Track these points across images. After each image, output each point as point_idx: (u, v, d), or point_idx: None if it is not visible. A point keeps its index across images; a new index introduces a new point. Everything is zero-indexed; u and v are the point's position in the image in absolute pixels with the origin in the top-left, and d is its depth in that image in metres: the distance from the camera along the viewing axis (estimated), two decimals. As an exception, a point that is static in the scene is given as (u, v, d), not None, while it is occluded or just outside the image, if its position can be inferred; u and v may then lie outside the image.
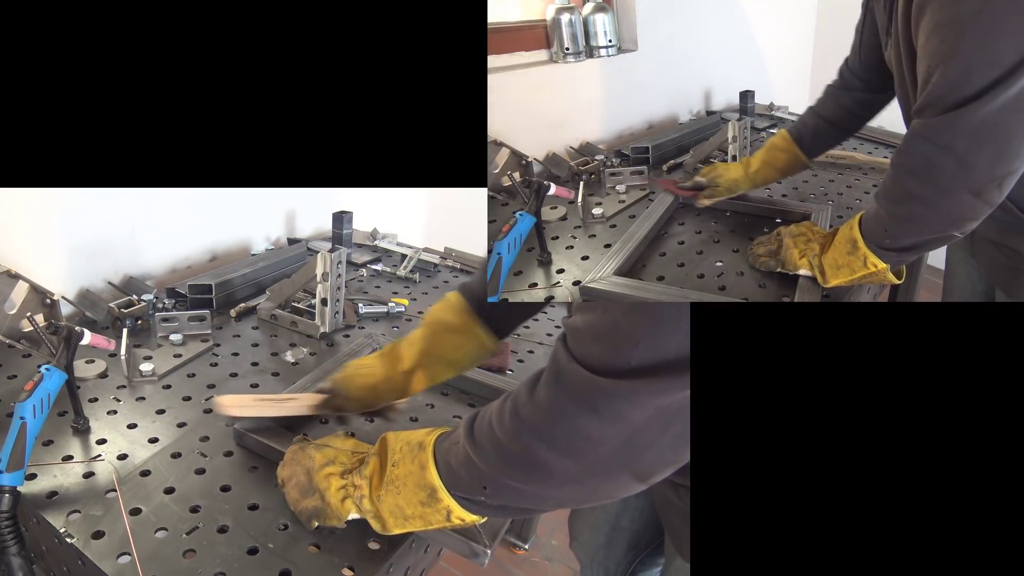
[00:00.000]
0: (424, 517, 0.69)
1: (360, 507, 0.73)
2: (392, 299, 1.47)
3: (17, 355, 1.13)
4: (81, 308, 1.27)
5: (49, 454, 0.91)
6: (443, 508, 0.68)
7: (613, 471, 0.59)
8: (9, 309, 1.13)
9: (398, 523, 0.71)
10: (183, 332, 1.23)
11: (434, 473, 0.68)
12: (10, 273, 1.13)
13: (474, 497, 0.67)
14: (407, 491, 0.69)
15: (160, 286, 1.41)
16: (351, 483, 0.74)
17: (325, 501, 0.75)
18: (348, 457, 0.78)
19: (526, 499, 0.65)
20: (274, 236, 1.75)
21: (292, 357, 1.22)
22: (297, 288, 1.33)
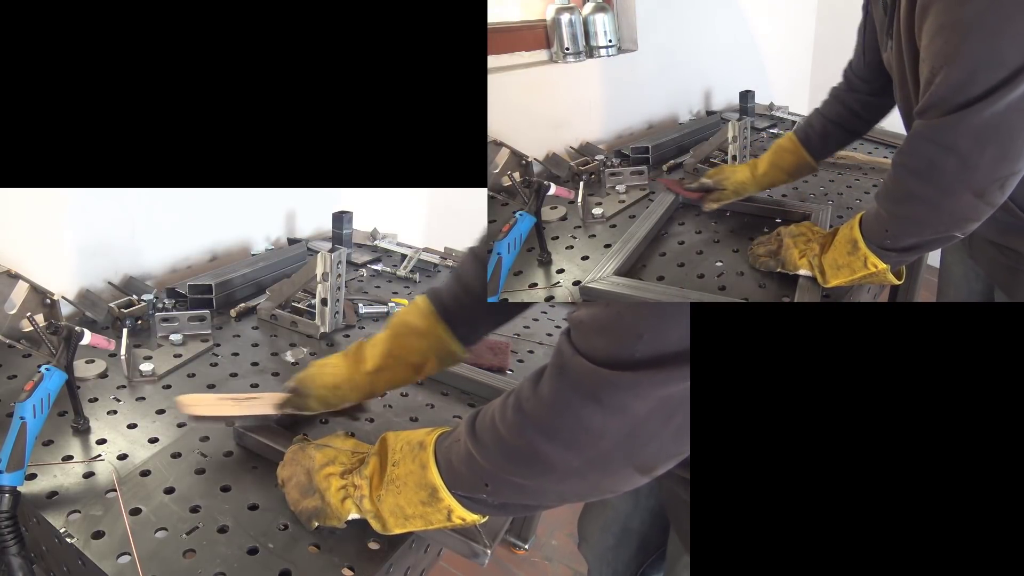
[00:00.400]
0: (425, 517, 0.69)
1: (360, 507, 0.73)
2: (392, 299, 1.47)
3: (17, 355, 1.13)
4: (81, 308, 1.27)
5: (49, 454, 0.91)
6: (444, 508, 0.68)
7: (615, 464, 0.59)
8: (9, 309, 1.13)
9: (399, 523, 0.71)
10: (183, 332, 1.23)
11: (435, 472, 0.68)
12: (10, 273, 1.13)
13: (476, 495, 0.67)
14: (408, 491, 0.69)
15: (160, 286, 1.41)
16: (351, 483, 0.74)
17: (325, 501, 0.75)
18: (348, 457, 0.78)
19: (528, 495, 0.65)
20: (274, 236, 1.75)
21: (292, 357, 1.22)
22: (297, 288, 1.33)
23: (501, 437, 0.62)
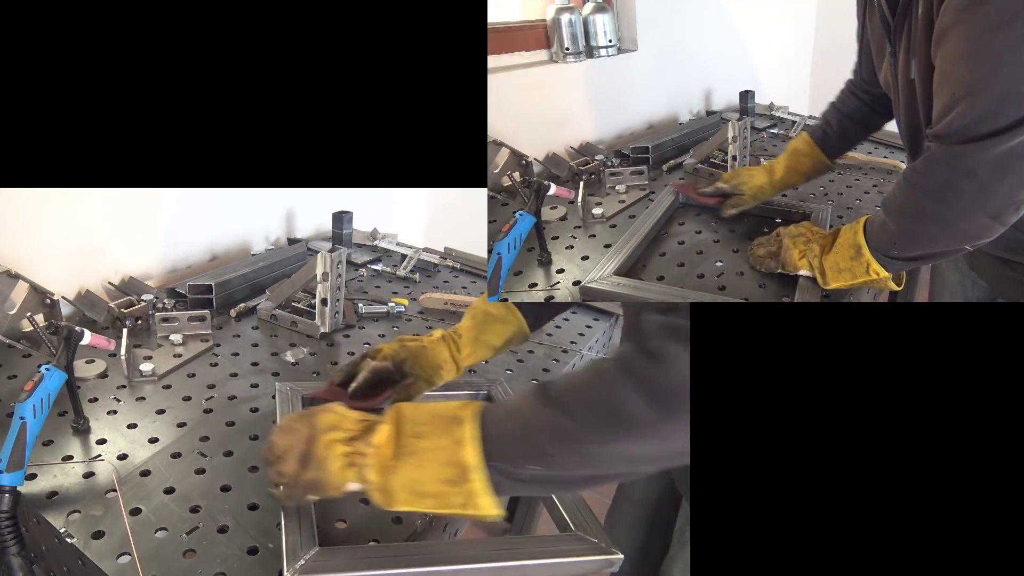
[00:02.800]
0: (442, 498, 0.67)
1: (363, 476, 0.69)
2: (392, 299, 1.47)
3: (17, 355, 1.13)
4: (81, 308, 1.27)
5: (49, 454, 0.91)
6: (468, 491, 0.66)
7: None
8: (9, 309, 1.13)
9: (408, 499, 0.67)
10: (183, 332, 1.23)
11: (472, 451, 0.66)
12: (10, 273, 1.13)
13: (522, 469, 0.66)
14: (432, 466, 0.67)
15: (160, 286, 1.41)
16: (357, 450, 0.70)
17: (325, 469, 0.70)
18: (354, 423, 0.73)
19: (591, 466, 0.66)
20: (274, 236, 1.75)
21: (292, 357, 1.22)
22: (297, 288, 1.33)
23: (579, 391, 0.66)
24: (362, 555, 0.73)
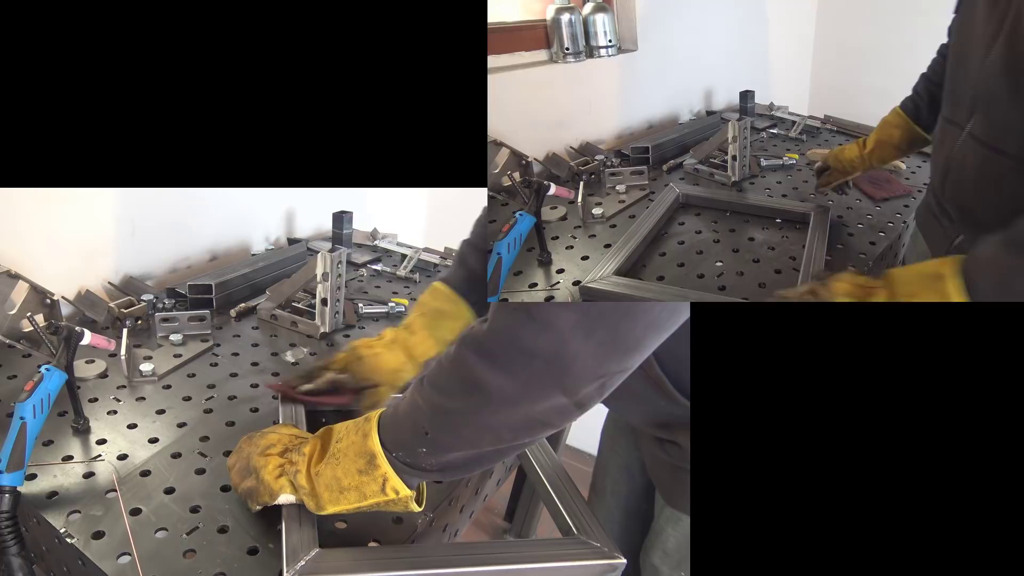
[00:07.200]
0: (360, 488, 0.71)
1: (295, 483, 0.75)
2: (392, 299, 1.47)
3: (17, 355, 1.13)
4: (81, 308, 1.27)
5: (49, 454, 0.91)
6: (380, 476, 0.70)
7: (546, 387, 0.62)
8: (9, 309, 1.13)
9: (333, 497, 0.72)
10: (183, 332, 1.23)
11: (375, 439, 0.70)
12: (10, 273, 1.13)
13: (415, 455, 0.69)
14: (347, 460, 0.71)
15: (160, 286, 1.41)
16: (288, 460, 0.77)
17: (259, 479, 0.77)
18: (289, 439, 0.80)
19: (463, 440, 0.67)
20: (274, 236, 1.75)
21: (292, 357, 1.22)
22: (297, 288, 1.33)
23: (441, 369, 0.66)
24: (362, 556, 0.74)
